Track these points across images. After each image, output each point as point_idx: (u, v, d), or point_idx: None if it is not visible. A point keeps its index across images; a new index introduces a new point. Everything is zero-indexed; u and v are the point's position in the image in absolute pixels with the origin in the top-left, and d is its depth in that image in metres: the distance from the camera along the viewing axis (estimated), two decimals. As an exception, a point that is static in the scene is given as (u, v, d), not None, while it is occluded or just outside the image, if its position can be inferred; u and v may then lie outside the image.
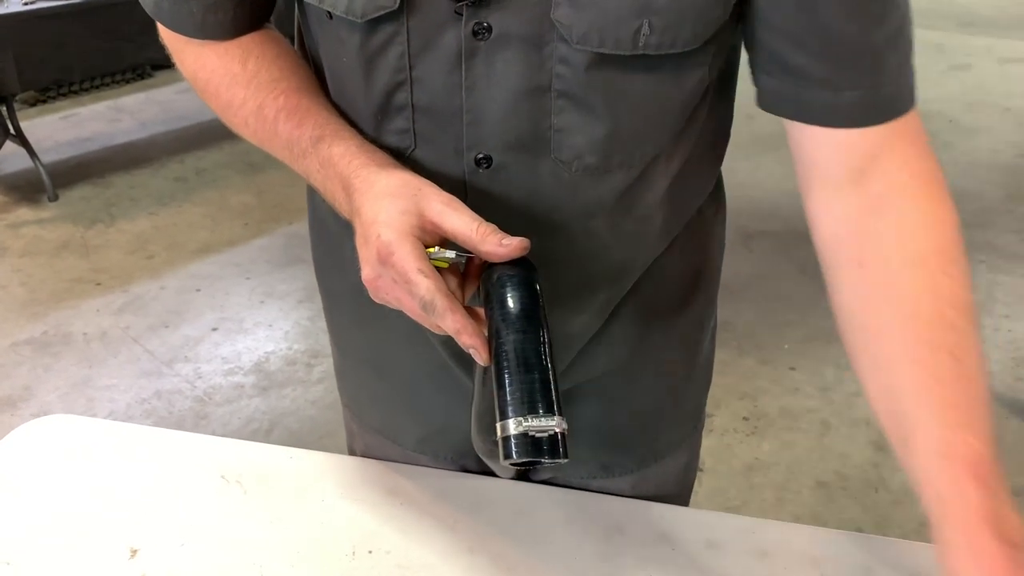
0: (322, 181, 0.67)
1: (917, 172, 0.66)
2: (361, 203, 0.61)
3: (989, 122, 4.20)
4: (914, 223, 0.64)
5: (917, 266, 0.63)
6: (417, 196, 0.60)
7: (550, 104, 0.63)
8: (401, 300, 0.59)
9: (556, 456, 0.53)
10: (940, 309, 0.61)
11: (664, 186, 0.72)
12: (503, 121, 0.64)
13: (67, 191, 3.52)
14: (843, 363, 2.49)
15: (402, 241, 0.58)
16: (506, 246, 0.58)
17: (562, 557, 0.77)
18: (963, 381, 0.61)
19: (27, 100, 4.31)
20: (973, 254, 3.05)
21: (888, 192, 0.65)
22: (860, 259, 0.65)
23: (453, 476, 0.87)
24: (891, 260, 0.64)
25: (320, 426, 2.29)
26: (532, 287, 0.59)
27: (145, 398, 2.40)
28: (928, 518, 0.59)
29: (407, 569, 0.76)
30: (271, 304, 2.81)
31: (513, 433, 0.53)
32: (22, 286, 2.90)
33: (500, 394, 0.55)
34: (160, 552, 0.78)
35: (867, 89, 0.63)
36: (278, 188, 3.53)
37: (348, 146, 0.65)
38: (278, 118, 0.68)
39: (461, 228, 0.58)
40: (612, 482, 0.88)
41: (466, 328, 0.57)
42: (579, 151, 0.65)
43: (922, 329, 0.61)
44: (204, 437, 0.92)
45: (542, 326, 0.58)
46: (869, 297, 0.65)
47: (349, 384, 0.94)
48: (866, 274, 0.65)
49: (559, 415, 0.54)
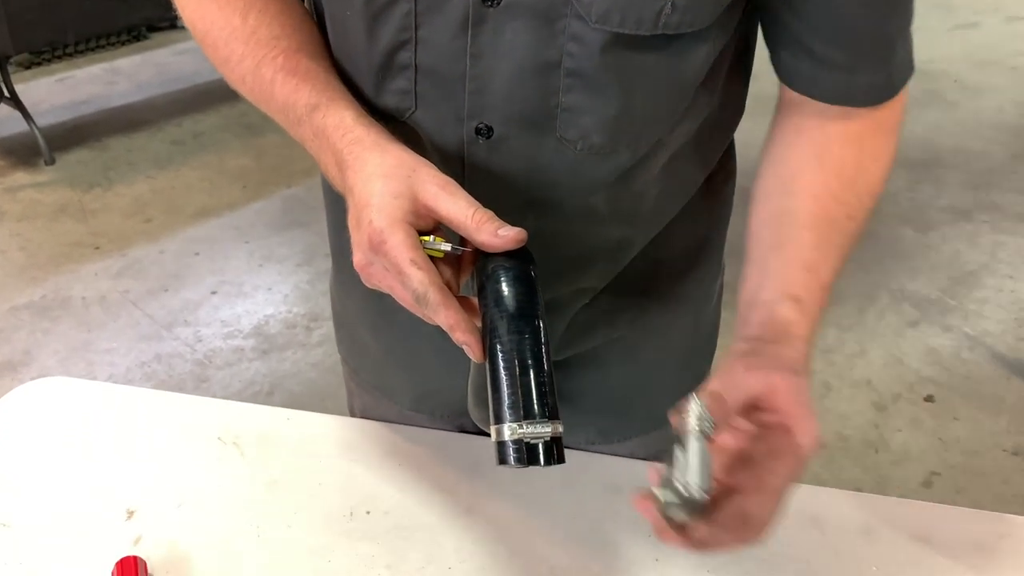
0: (316, 151, 0.64)
1: (873, 128, 0.69)
2: (354, 182, 0.59)
3: (995, 81, 4.15)
4: (863, 155, 0.68)
5: (847, 162, 0.68)
6: (411, 178, 0.57)
7: (559, 82, 0.61)
8: (394, 289, 0.57)
9: (551, 462, 0.53)
10: (848, 204, 0.67)
11: (665, 159, 0.71)
12: (507, 93, 0.62)
13: (64, 155, 3.49)
14: (844, 325, 2.49)
15: (395, 229, 0.55)
16: (502, 237, 0.56)
17: (560, 517, 0.77)
18: (824, 273, 0.65)
19: (21, 63, 4.26)
20: (976, 214, 3.05)
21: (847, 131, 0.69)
22: (799, 127, 0.69)
23: (451, 437, 0.86)
24: (831, 145, 0.68)
25: (321, 388, 2.29)
26: (529, 281, 0.57)
27: (145, 361, 2.40)
28: None
29: (405, 529, 0.76)
30: (270, 267, 2.80)
31: (508, 439, 0.52)
32: (20, 250, 2.88)
33: (495, 397, 0.54)
34: (157, 513, 0.77)
35: (880, 74, 0.66)
36: (276, 151, 3.50)
37: (343, 117, 0.62)
38: (275, 79, 0.66)
39: (456, 214, 0.56)
40: (611, 447, 0.87)
41: (459, 324, 0.55)
42: (586, 131, 0.63)
43: (832, 205, 0.66)
44: (201, 399, 0.92)
45: (538, 324, 0.56)
46: (798, 151, 0.69)
47: (347, 340, 0.93)
48: (803, 139, 0.69)
49: (555, 419, 0.53)
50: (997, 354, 2.40)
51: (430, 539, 0.75)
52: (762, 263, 0.67)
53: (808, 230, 0.66)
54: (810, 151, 0.68)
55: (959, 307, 2.59)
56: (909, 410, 2.21)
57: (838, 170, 0.67)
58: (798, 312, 0.63)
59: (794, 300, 0.63)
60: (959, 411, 2.21)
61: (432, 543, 0.74)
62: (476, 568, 0.72)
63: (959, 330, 2.50)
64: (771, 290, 0.65)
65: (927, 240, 2.92)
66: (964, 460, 2.07)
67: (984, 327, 2.51)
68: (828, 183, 0.67)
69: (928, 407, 2.22)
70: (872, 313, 2.55)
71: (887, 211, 3.07)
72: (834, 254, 0.67)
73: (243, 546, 0.74)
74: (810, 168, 0.68)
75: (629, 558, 0.73)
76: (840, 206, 0.67)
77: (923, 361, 2.38)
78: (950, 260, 2.82)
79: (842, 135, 0.68)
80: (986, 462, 2.07)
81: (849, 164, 0.68)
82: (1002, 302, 2.61)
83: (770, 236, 0.68)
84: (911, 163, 3.38)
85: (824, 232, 0.66)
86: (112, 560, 0.71)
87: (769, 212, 0.69)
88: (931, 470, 2.05)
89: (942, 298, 2.63)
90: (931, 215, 3.06)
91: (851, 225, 0.68)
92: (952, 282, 2.70)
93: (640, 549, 0.74)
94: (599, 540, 0.75)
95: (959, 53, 4.47)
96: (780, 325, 0.62)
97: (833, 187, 0.67)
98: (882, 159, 0.69)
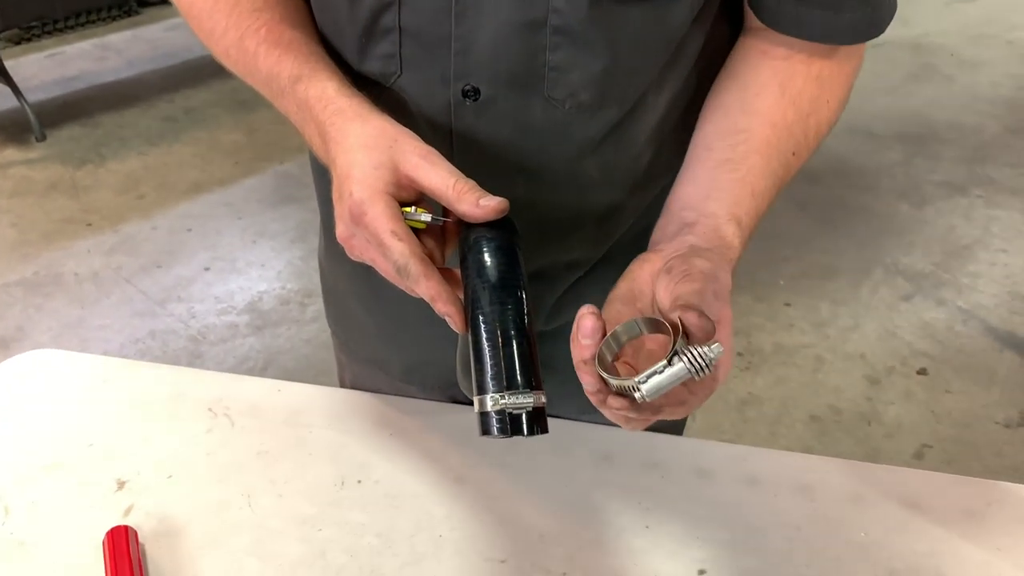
0: (300, 123, 0.64)
1: (835, 70, 0.69)
2: (336, 153, 0.59)
3: (991, 55, 4.13)
4: (822, 93, 0.68)
5: (806, 97, 0.67)
6: (393, 148, 0.57)
7: (545, 40, 0.60)
8: (376, 261, 0.57)
9: (534, 432, 0.52)
10: (797, 140, 0.67)
11: (654, 121, 0.70)
12: (494, 53, 0.61)
13: (55, 131, 3.47)
14: (838, 299, 2.49)
15: (375, 200, 0.55)
16: (483, 207, 0.55)
17: (550, 485, 0.77)
18: (763, 203, 0.66)
19: (10, 38, 4.22)
20: (971, 188, 3.04)
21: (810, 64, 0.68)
22: (764, 51, 0.68)
23: (442, 407, 0.86)
24: (795, 77, 0.68)
25: (315, 364, 2.29)
26: (511, 252, 0.57)
27: (139, 338, 2.39)
28: None
29: (396, 498, 0.76)
30: (263, 244, 2.79)
31: (491, 410, 0.52)
32: (12, 227, 2.87)
33: (478, 368, 0.54)
34: (147, 484, 0.77)
35: (865, 11, 0.65)
36: (269, 127, 3.48)
37: (325, 88, 0.61)
38: (258, 51, 0.66)
39: (437, 184, 0.56)
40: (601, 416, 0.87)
41: (440, 295, 0.55)
42: (573, 89, 0.63)
43: (784, 137, 0.66)
44: (191, 370, 0.91)
45: (521, 294, 0.56)
46: (762, 74, 0.68)
47: (337, 313, 0.93)
48: (766, 65, 0.68)
49: (537, 389, 0.53)
50: (990, 327, 2.41)
51: (420, 508, 0.75)
52: (712, 175, 0.66)
53: (760, 156, 0.66)
54: (773, 77, 0.68)
55: (953, 281, 2.60)
56: (902, 383, 2.22)
57: (797, 102, 0.67)
58: (739, 237, 0.63)
59: (738, 223, 0.63)
60: (952, 384, 2.22)
61: (422, 512, 0.75)
62: (466, 536, 0.72)
63: (952, 304, 2.50)
64: (720, 205, 0.64)
65: (921, 214, 2.92)
66: (956, 432, 2.08)
67: (977, 300, 2.51)
68: (785, 113, 0.67)
69: (921, 380, 2.23)
70: (866, 287, 2.55)
71: (882, 185, 3.06)
72: (774, 186, 0.66)
73: (234, 515, 0.74)
74: (772, 93, 0.67)
75: (619, 526, 0.74)
76: (790, 139, 0.67)
77: (916, 335, 2.38)
78: (944, 234, 2.82)
79: (806, 70, 0.67)
80: (978, 434, 2.08)
81: (807, 99, 0.67)
82: (995, 276, 2.62)
83: (724, 151, 0.67)
84: (906, 137, 3.37)
85: (773, 162, 0.66)
86: (103, 530, 0.71)
87: (727, 127, 0.68)
88: (923, 442, 2.06)
89: (936, 272, 2.63)
90: (926, 189, 3.06)
91: (794, 161, 0.68)
92: (946, 256, 2.71)
93: (630, 517, 0.74)
94: (589, 508, 0.75)
95: (955, 27, 4.44)
96: (724, 244, 0.61)
97: (789, 117, 0.67)
98: (835, 102, 0.69)
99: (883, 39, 0.68)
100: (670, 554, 0.71)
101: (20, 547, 0.72)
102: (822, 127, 0.69)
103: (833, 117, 0.70)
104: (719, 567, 0.70)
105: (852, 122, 3.41)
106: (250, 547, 0.72)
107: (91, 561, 0.70)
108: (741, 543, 0.72)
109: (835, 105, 0.69)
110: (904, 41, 4.20)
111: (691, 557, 0.71)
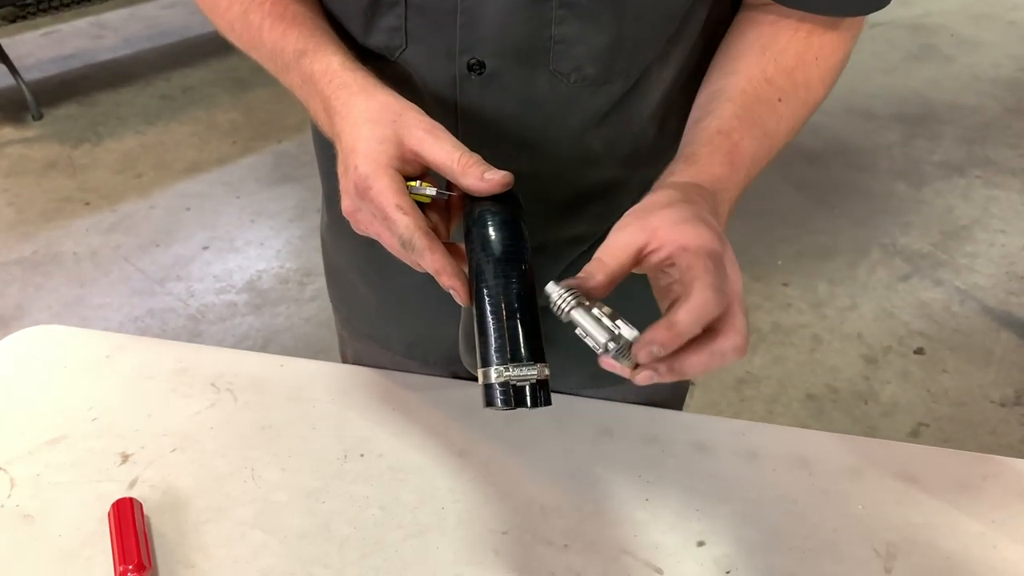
0: (305, 98, 0.64)
1: (840, 27, 0.68)
2: (341, 128, 0.59)
3: (992, 36, 4.12)
4: (808, 50, 0.67)
5: (789, 53, 0.66)
6: (397, 123, 0.57)
7: (551, 13, 0.60)
8: (381, 235, 0.57)
9: (537, 404, 0.53)
10: (780, 88, 0.65)
11: (658, 96, 0.70)
12: (499, 26, 0.61)
13: (52, 110, 3.45)
14: (835, 279, 2.49)
15: (380, 175, 0.55)
16: (487, 180, 0.56)
17: (552, 458, 0.78)
18: (740, 139, 0.63)
19: (5, 16, 4.19)
20: (970, 169, 3.04)
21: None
22: (753, 20, 0.68)
23: (444, 382, 0.87)
24: (779, 36, 0.66)
25: (314, 343, 2.29)
26: (516, 225, 0.57)
27: (138, 316, 2.40)
28: None
29: (399, 471, 0.77)
30: (262, 223, 2.78)
31: (495, 381, 0.53)
32: (9, 206, 2.86)
33: (482, 340, 0.54)
34: (151, 457, 0.78)
35: None
36: (266, 106, 3.46)
37: (330, 63, 0.61)
38: (263, 25, 0.65)
39: (442, 158, 0.56)
40: (603, 391, 0.88)
41: (445, 268, 0.55)
42: (579, 62, 0.63)
43: (762, 86, 0.65)
44: (194, 346, 0.92)
45: (525, 268, 0.56)
46: (746, 40, 0.67)
47: (339, 289, 0.93)
48: (753, 31, 0.67)
49: (541, 362, 0.53)
50: (987, 307, 2.42)
51: (423, 480, 0.76)
52: (686, 135, 0.65)
53: (731, 102, 0.64)
54: (757, 40, 0.67)
55: (950, 261, 2.60)
56: (899, 363, 2.23)
57: (779, 59, 0.66)
58: (688, 174, 0.60)
59: (686, 159, 0.61)
60: (948, 363, 2.23)
61: (425, 484, 0.75)
62: (468, 508, 0.73)
63: (950, 284, 2.51)
64: (676, 155, 0.63)
65: (920, 195, 2.92)
66: (952, 411, 2.10)
67: (975, 281, 2.52)
68: (764, 67, 0.65)
69: (918, 360, 2.24)
70: (864, 267, 2.55)
71: (880, 166, 3.06)
72: (757, 127, 0.64)
73: (238, 488, 0.75)
74: (752, 53, 0.66)
75: (620, 498, 0.74)
76: (771, 88, 0.65)
77: (914, 314, 2.39)
78: (942, 214, 2.82)
79: (791, 29, 0.66)
80: (974, 413, 2.09)
81: (791, 55, 0.66)
82: (993, 256, 2.62)
83: (698, 111, 0.66)
84: (905, 118, 3.36)
85: (748, 105, 0.64)
86: (108, 502, 0.72)
87: (706, 93, 0.67)
88: (919, 421, 2.07)
89: (933, 252, 2.64)
90: (924, 170, 3.05)
91: (783, 108, 0.65)
92: (944, 236, 2.71)
93: (630, 490, 0.75)
94: (590, 481, 0.76)
95: (955, 7, 4.42)
96: (662, 180, 0.60)
97: (769, 71, 0.65)
98: (827, 59, 0.67)
99: (883, 18, 0.68)
100: (670, 526, 0.72)
101: (26, 519, 0.72)
102: (812, 82, 0.67)
103: (824, 73, 0.67)
104: (718, 539, 0.71)
105: (850, 102, 3.41)
106: (254, 519, 0.72)
107: (97, 532, 0.71)
108: (740, 515, 0.73)
109: (829, 62, 0.67)
110: (904, 21, 4.18)
111: (690, 529, 0.72)
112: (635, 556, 0.70)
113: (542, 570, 0.68)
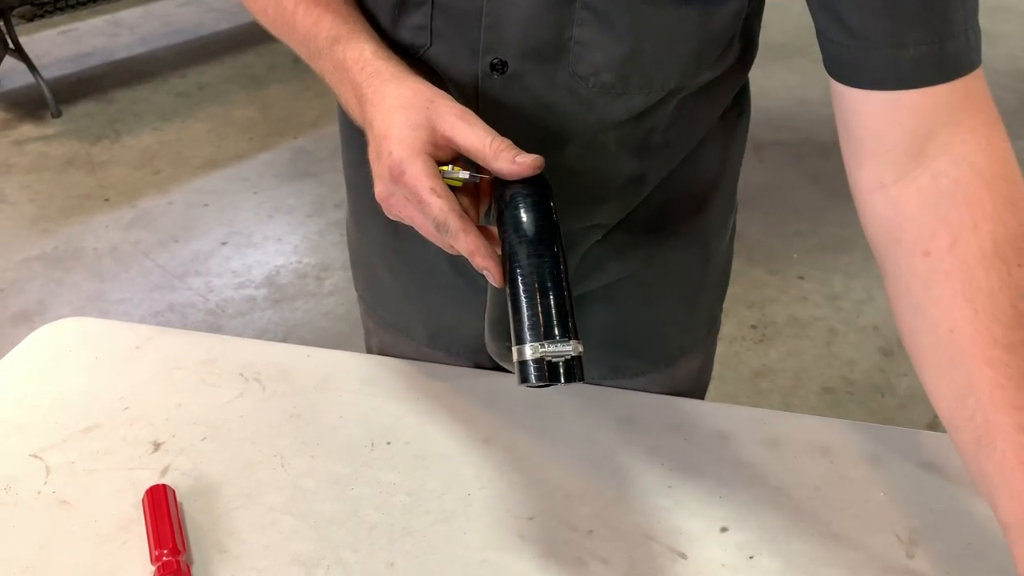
0: (336, 85, 0.65)
1: (986, 145, 0.61)
2: (373, 115, 0.60)
3: (1010, 28, 4.09)
4: (989, 208, 0.58)
5: (993, 258, 0.57)
6: (429, 109, 0.58)
7: (573, 14, 0.61)
8: (414, 219, 0.59)
9: (572, 379, 0.54)
10: (1017, 306, 0.56)
11: (680, 102, 0.71)
12: (523, 27, 0.62)
13: (70, 107, 3.49)
14: (851, 272, 2.49)
15: (414, 159, 0.56)
16: (519, 164, 0.57)
17: (575, 447, 0.79)
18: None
19: (23, 15, 4.23)
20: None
21: (954, 170, 0.59)
22: (926, 248, 0.59)
23: (468, 372, 0.88)
24: (965, 252, 0.57)
25: (332, 337, 2.31)
26: (547, 207, 0.58)
27: (159, 311, 2.42)
28: (997, 518, 0.57)
29: (425, 459, 0.78)
30: (279, 218, 2.81)
31: (530, 358, 0.54)
32: (31, 202, 2.90)
33: (516, 318, 0.55)
34: (182, 445, 0.80)
35: (932, 44, 0.58)
36: (282, 102, 3.49)
37: (363, 51, 0.63)
38: (296, 10, 0.67)
39: (474, 142, 0.57)
40: (623, 383, 0.89)
41: (479, 249, 0.56)
42: (596, 67, 0.64)
43: (998, 329, 0.56)
44: (221, 337, 0.93)
45: (557, 248, 0.57)
46: (940, 292, 0.58)
47: (364, 278, 0.94)
48: (934, 264, 0.58)
49: (575, 339, 0.55)
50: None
51: (449, 468, 0.77)
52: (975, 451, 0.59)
53: (1002, 405, 0.56)
54: (949, 288, 0.58)
55: (967, 254, 2.59)
56: (915, 355, 2.22)
57: (992, 311, 0.57)
58: None
59: None
60: (965, 356, 2.22)
61: (451, 471, 0.77)
62: (494, 494, 0.74)
63: (967, 277, 2.50)
64: None
65: (936, 187, 2.91)
66: (969, 404, 2.09)
67: (992, 273, 2.51)
68: (995, 336, 0.56)
69: (934, 352, 2.24)
70: (880, 260, 2.55)
71: (896, 159, 3.05)
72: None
73: (268, 476, 0.76)
74: (961, 313, 0.57)
75: (642, 485, 0.75)
76: (1016, 353, 0.56)
77: (930, 307, 2.38)
78: (959, 207, 2.81)
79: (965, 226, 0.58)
80: (991, 406, 2.09)
81: (1002, 303, 0.57)
82: (1010, 249, 2.61)
83: (968, 429, 0.59)
84: (921, 110, 3.35)
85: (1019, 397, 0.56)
86: (142, 489, 0.73)
87: (956, 403, 0.60)
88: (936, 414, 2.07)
89: (950, 245, 2.63)
90: (941, 162, 3.04)
91: None
92: (961, 229, 2.70)
93: (653, 477, 0.76)
94: (613, 469, 0.77)
95: (972, -2, 4.40)
96: None
97: (1001, 338, 0.56)
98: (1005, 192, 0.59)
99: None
100: (692, 513, 0.73)
101: (63, 505, 0.74)
102: None
103: None
104: (741, 524, 0.72)
105: (867, 95, 3.39)
106: (284, 505, 0.74)
107: (132, 518, 0.72)
108: (763, 502, 0.74)
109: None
110: (920, 13, 4.15)
111: (713, 515, 0.73)
112: (659, 541, 0.71)
113: (567, 555, 0.70)
